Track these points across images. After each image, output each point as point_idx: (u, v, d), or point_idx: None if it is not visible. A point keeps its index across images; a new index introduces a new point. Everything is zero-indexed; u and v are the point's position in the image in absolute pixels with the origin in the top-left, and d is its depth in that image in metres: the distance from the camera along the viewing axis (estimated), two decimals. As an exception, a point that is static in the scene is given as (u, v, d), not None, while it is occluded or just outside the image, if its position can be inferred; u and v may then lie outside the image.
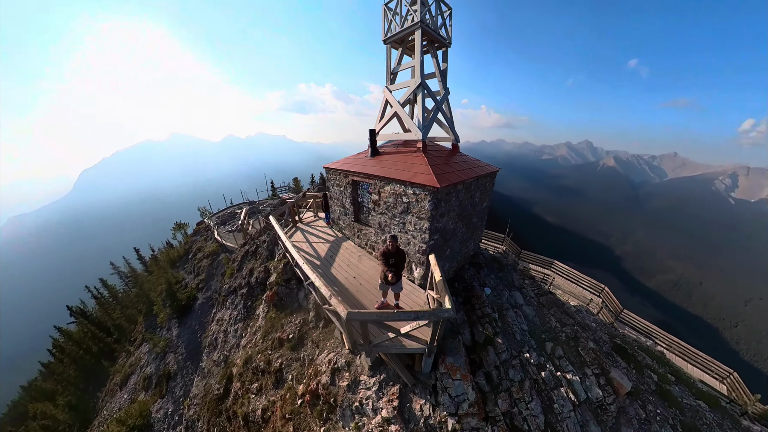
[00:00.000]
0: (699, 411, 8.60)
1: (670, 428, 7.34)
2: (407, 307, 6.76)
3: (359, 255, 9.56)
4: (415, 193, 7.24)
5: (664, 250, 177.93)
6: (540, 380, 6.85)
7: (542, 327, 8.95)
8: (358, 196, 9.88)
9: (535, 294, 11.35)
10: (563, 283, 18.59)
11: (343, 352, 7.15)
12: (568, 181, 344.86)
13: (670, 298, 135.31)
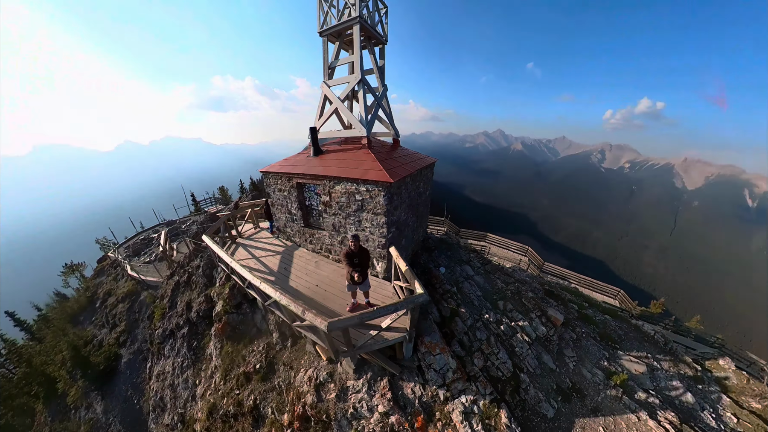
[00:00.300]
0: (607, 322, 11.29)
1: (593, 340, 9.44)
2: (378, 303, 6.78)
3: (316, 261, 9.02)
4: (369, 190, 7.19)
5: (564, 212, 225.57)
6: (500, 333, 8.03)
7: (492, 290, 10.31)
8: (305, 200, 9.26)
9: (481, 264, 12.77)
10: (497, 251, 21.43)
11: (322, 364, 6.77)
12: (488, 164, 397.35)
13: (572, 246, 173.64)
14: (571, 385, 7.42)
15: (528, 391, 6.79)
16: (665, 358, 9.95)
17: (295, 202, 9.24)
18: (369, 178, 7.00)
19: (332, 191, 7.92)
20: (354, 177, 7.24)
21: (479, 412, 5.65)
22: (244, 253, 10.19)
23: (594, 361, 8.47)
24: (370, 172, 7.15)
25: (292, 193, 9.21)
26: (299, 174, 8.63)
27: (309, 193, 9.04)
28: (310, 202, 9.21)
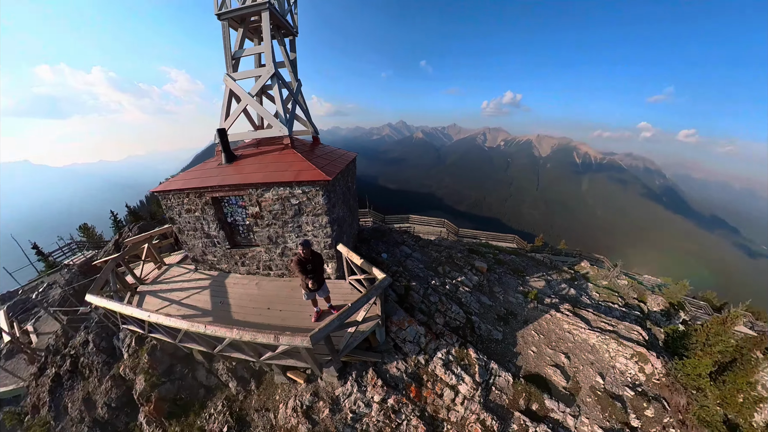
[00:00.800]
0: (513, 260, 14.49)
1: (509, 275, 12.19)
2: (341, 302, 6.71)
3: (256, 283, 8.13)
4: (305, 192, 6.91)
5: (462, 186, 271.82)
6: (447, 292, 9.39)
7: (430, 260, 11.82)
8: (226, 216, 8.11)
9: (414, 242, 14.11)
10: (421, 228, 23.95)
11: (301, 389, 6.22)
12: (395, 153, 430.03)
13: (473, 212, 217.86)
14: (505, 311, 9.35)
15: (480, 327, 8.21)
16: (553, 273, 13.84)
17: (214, 221, 7.95)
18: (304, 179, 6.72)
19: (262, 200, 7.21)
20: (287, 180, 6.81)
21: (454, 358, 6.55)
22: (156, 301, 8.10)
23: (514, 289, 10.87)
24: (303, 173, 6.86)
25: (207, 212, 7.86)
26: (214, 187, 7.42)
27: (230, 207, 7.94)
28: (233, 217, 8.09)
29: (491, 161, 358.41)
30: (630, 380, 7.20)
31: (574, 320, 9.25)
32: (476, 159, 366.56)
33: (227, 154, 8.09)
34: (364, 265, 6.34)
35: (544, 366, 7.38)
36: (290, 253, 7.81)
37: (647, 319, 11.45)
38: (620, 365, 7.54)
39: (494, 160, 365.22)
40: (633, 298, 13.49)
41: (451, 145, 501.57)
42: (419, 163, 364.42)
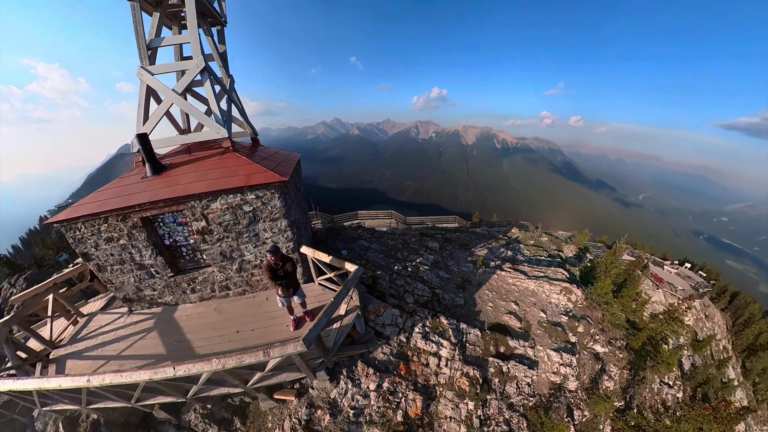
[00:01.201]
0: (458, 237, 15.98)
1: (458, 249, 13.49)
2: (316, 305, 6.67)
3: (215, 307, 7.19)
4: (259, 196, 6.47)
5: (402, 177, 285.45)
6: (410, 273, 10.07)
7: (388, 249, 12.35)
8: (162, 238, 6.96)
9: (370, 235, 14.51)
10: (371, 222, 24.57)
11: (294, 406, 5.84)
12: (333, 152, 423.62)
13: (416, 201, 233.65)
14: (461, 280, 10.42)
15: (444, 298, 9.06)
16: (492, 241, 15.75)
17: (147, 247, 6.62)
18: (257, 182, 6.24)
19: (208, 212, 6.41)
20: (236, 186, 6.22)
21: (430, 329, 7.15)
22: (85, 363, 6.25)
23: (464, 260, 12.11)
24: (254, 177, 6.38)
25: (136, 237, 6.51)
26: (143, 205, 6.16)
27: (166, 227, 6.84)
28: (172, 238, 6.99)
29: (425, 152, 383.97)
30: (563, 309, 8.92)
31: (515, 275, 10.89)
32: (412, 151, 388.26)
33: (153, 165, 6.81)
34: (334, 261, 6.37)
35: (501, 315, 8.61)
36: (250, 267, 7.22)
37: (566, 263, 14.04)
38: (554, 300, 9.25)
39: (428, 150, 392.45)
40: (554, 249, 16.35)
41: (387, 139, 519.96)
42: (358, 160, 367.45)
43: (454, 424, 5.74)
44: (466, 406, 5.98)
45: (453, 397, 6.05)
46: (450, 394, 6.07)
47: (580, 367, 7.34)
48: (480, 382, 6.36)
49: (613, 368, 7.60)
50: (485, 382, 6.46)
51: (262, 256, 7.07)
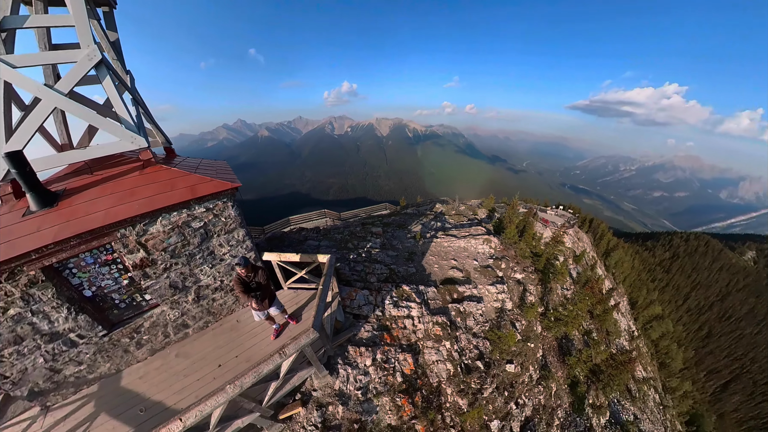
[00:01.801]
0: (395, 220, 17.36)
1: (398, 230, 14.70)
2: (293, 308, 6.62)
3: (176, 353, 5.95)
4: (210, 208, 5.72)
5: (324, 176, 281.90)
6: (365, 258, 10.72)
7: (338, 242, 12.84)
8: (80, 289, 5.25)
9: (316, 234, 14.64)
10: (306, 225, 24.22)
11: (303, 417, 5.56)
12: (242, 158, 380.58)
13: (342, 197, 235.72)
14: (408, 253, 11.77)
15: (399, 270, 10.16)
16: (422, 218, 17.74)
17: (60, 306, 4.92)
18: (205, 192, 5.48)
19: (146, 238, 5.29)
20: (181, 201, 5.30)
21: (397, 297, 8.11)
22: None
23: (405, 238, 13.54)
24: (200, 187, 5.59)
25: (38, 299, 4.75)
26: (43, 250, 4.46)
27: (84, 272, 5.18)
28: (95, 285, 5.29)
29: (343, 147, 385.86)
30: (488, 255, 11.18)
31: (448, 239, 12.85)
32: (329, 148, 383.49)
33: (39, 194, 4.93)
34: (304, 257, 6.42)
35: (446, 272, 10.25)
36: (209, 292, 6.33)
37: (482, 222, 17.10)
38: (480, 250, 11.46)
39: (345, 146, 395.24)
40: (471, 214, 19.51)
41: (301, 138, 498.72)
42: (273, 164, 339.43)
43: (441, 364, 6.92)
44: (444, 347, 7.24)
45: (433, 345, 7.21)
46: (430, 343, 7.21)
47: (510, 292, 9.57)
48: (448, 325, 7.73)
49: (531, 286, 10.16)
50: (451, 323, 7.87)
51: (222, 275, 6.31)
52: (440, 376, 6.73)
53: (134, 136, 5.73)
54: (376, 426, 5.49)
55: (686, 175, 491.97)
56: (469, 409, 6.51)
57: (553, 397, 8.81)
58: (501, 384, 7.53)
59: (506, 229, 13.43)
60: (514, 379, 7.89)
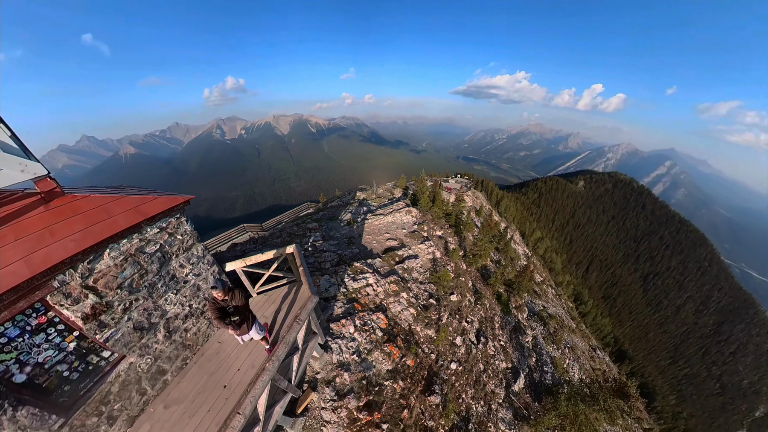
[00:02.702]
0: (323, 215, 18.21)
1: (331, 222, 15.65)
2: (267, 319, 6.56)
3: (163, 403, 5.04)
4: (163, 227, 5.17)
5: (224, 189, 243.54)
6: (312, 251, 11.46)
7: (272, 246, 12.90)
8: (6, 375, 3.78)
9: (254, 245, 14.37)
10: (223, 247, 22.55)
11: (318, 400, 5.77)
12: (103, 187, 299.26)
13: (251, 209, 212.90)
14: (348, 237, 13.05)
15: (346, 253, 11.31)
16: (348, 207, 19.10)
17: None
18: (157, 211, 4.94)
19: (96, 278, 4.39)
20: (129, 226, 4.60)
21: (353, 272, 9.28)
22: None
23: (340, 227, 14.72)
24: (148, 206, 4.91)
25: None
26: None
27: (7, 354, 3.74)
28: (29, 363, 3.89)
29: (241, 153, 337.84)
30: (412, 222, 13.55)
31: (378, 218, 14.70)
32: (223, 156, 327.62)
33: None
34: (270, 253, 6.71)
35: (384, 243, 12.07)
36: (180, 323, 5.51)
37: (400, 199, 19.71)
38: (406, 220, 13.75)
39: (243, 151, 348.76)
40: (389, 195, 22.02)
41: (183, 150, 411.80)
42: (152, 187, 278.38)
43: (405, 312, 8.60)
44: (403, 298, 8.95)
45: (394, 299, 8.80)
46: (391, 299, 8.77)
47: (435, 245, 12.10)
48: (400, 282, 9.47)
49: (450, 238, 12.99)
50: (402, 280, 9.65)
51: (189, 299, 5.67)
52: (408, 320, 8.48)
53: (23, 162, 4.24)
54: (378, 376, 6.62)
55: (537, 137, 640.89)
56: (437, 335, 8.51)
57: (489, 310, 11.95)
58: (452, 311, 9.93)
59: (420, 200, 16.19)
60: (459, 305, 10.46)
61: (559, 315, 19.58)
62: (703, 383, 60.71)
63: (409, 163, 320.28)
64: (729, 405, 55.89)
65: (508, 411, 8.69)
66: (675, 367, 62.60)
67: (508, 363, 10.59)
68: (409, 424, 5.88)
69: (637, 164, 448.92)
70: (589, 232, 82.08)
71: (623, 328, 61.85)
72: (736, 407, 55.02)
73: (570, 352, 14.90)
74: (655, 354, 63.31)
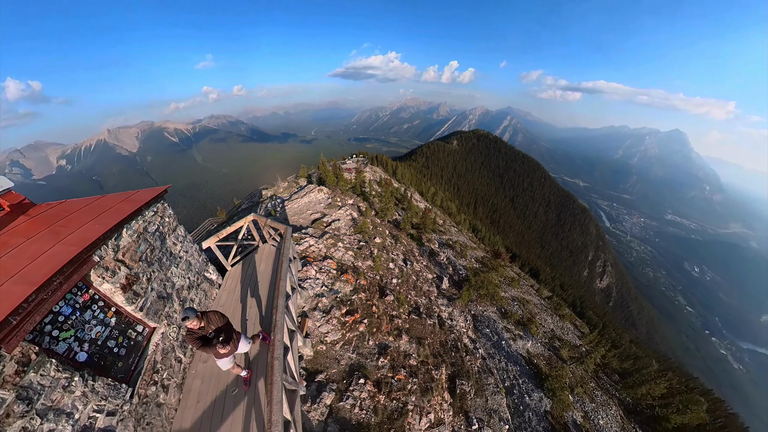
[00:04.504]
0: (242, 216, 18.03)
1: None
2: None
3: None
4: (156, 211, 5.74)
5: None
6: None
7: None
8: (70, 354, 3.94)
9: None
10: None
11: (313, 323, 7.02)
12: None
13: None
14: None
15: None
16: (260, 206, 19.27)
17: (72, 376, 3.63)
18: (149, 198, 5.58)
19: (123, 252, 4.94)
20: (135, 209, 5.23)
21: (295, 241, 10.20)
22: None
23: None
24: (139, 195, 5.60)
25: (39, 387, 3.37)
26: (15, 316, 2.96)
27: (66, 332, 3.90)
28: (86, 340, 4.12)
29: (68, 194, 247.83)
30: (326, 198, 15.43)
31: (295, 201, 15.79)
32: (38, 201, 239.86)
33: None
34: (236, 223, 7.72)
35: (309, 218, 13.60)
36: (186, 294, 6.12)
37: (308, 184, 20.84)
38: (320, 197, 15.61)
39: (71, 189, 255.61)
40: (296, 185, 22.72)
41: None
42: None
43: (346, 255, 10.71)
44: (341, 247, 10.95)
45: (333, 249, 10.71)
46: (332, 249, 10.67)
47: (351, 210, 14.24)
48: (332, 237, 11.32)
49: (360, 204, 15.35)
50: (334, 236, 11.50)
51: (186, 272, 6.27)
52: (350, 259, 10.62)
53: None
54: (345, 295, 8.47)
55: (415, 110, 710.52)
56: (374, 263, 10.83)
57: (407, 245, 15.06)
58: (379, 248, 12.46)
59: (327, 179, 17.90)
60: (383, 244, 13.09)
61: (463, 241, 25.43)
62: (560, 254, 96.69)
63: (302, 154, 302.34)
64: (576, 260, 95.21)
65: (444, 299, 12.11)
66: (544, 250, 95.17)
67: (433, 274, 14.15)
68: (380, 314, 8.15)
69: (489, 121, 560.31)
70: (469, 178, 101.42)
71: (509, 239, 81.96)
72: (580, 260, 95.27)
73: (474, 260, 20.18)
74: (531, 247, 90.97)
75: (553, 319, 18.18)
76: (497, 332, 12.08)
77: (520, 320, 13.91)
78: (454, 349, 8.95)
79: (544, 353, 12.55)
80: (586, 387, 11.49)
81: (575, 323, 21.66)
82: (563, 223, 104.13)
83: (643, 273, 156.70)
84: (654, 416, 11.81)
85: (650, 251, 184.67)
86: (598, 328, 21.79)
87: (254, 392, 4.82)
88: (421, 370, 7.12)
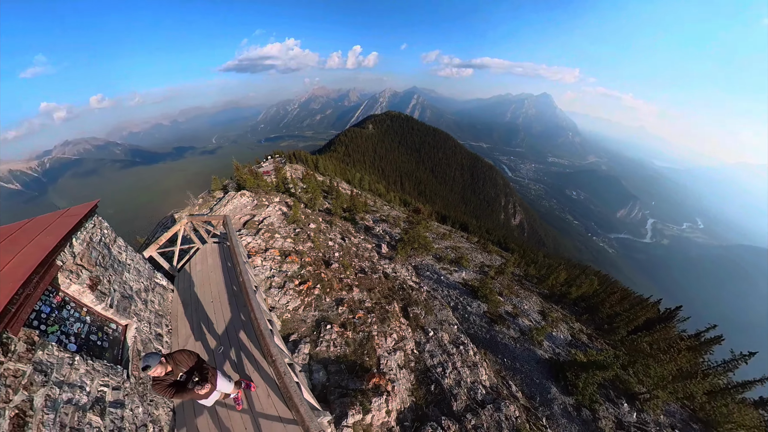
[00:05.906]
0: None
1: None
2: None
3: None
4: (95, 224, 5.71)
5: None
6: None
7: None
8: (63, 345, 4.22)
9: None
10: None
11: None
12: None
13: None
14: None
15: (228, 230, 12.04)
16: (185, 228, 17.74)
17: (74, 354, 4.30)
18: (84, 212, 5.50)
19: (79, 257, 5.20)
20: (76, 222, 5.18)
21: None
22: None
23: None
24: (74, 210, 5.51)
25: (48, 365, 3.74)
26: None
27: (52, 326, 4.14)
28: (71, 333, 4.35)
29: None
30: (251, 201, 15.28)
31: (220, 210, 15.24)
32: None
33: None
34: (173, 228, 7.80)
35: (240, 221, 13.47)
36: (144, 296, 6.31)
37: (227, 193, 19.92)
38: (245, 201, 15.41)
39: None
40: (213, 198, 21.32)
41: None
42: None
43: (285, 242, 11.44)
44: (277, 237, 11.50)
45: (272, 241, 11.29)
46: (270, 241, 11.25)
47: (278, 206, 14.61)
48: (267, 231, 11.76)
49: (287, 200, 15.66)
50: (269, 231, 11.93)
51: (138, 277, 6.37)
52: (290, 245, 11.38)
53: None
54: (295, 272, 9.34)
55: (325, 99, 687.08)
56: (314, 244, 11.80)
57: (343, 226, 16.38)
58: (315, 232, 13.55)
59: (247, 183, 17.62)
60: (319, 228, 14.16)
61: (395, 215, 27.86)
62: (480, 206, 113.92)
63: (207, 168, 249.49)
64: (493, 208, 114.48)
65: (385, 260, 13.90)
66: (468, 207, 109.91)
67: (371, 244, 15.81)
68: (329, 279, 9.33)
69: (399, 102, 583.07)
70: (390, 158, 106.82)
71: (437, 205, 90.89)
72: (496, 207, 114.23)
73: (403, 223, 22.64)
74: (458, 206, 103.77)
75: (483, 255, 22.23)
76: (436, 272, 14.62)
77: (453, 260, 16.93)
78: (401, 290, 10.85)
79: (477, 277, 15.68)
80: (512, 289, 15.11)
81: (501, 255, 26.73)
82: (477, 180, 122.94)
83: (542, 205, 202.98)
84: (561, 294, 16.89)
85: (543, 188, 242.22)
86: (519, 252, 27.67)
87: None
88: (376, 308, 8.71)
